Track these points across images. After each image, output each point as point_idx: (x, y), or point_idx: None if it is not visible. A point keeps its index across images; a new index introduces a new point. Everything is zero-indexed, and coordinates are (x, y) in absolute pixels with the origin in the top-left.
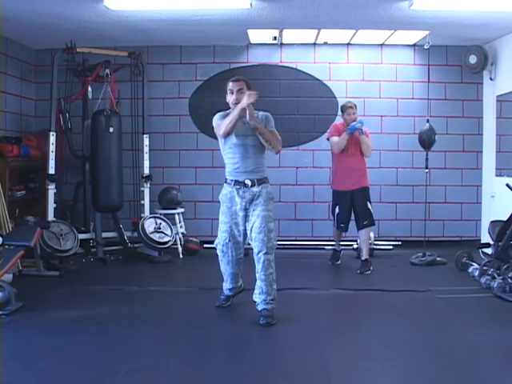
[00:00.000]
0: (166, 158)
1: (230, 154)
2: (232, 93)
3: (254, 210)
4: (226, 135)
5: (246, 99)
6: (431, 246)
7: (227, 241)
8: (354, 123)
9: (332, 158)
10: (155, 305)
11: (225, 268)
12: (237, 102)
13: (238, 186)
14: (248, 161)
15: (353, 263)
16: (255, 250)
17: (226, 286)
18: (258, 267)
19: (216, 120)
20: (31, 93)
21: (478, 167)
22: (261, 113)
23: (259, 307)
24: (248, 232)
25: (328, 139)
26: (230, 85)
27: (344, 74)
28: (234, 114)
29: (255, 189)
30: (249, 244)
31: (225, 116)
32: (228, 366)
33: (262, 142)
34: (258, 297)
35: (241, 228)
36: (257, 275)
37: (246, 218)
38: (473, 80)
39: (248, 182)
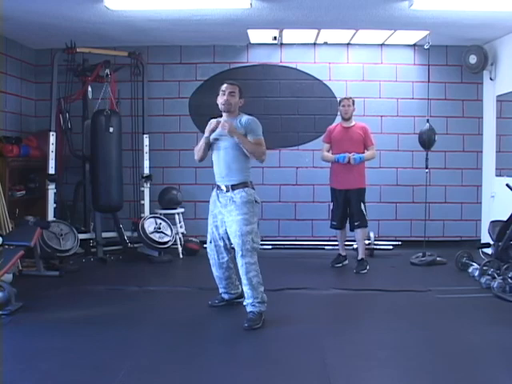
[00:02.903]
0: (166, 158)
1: (212, 157)
2: (224, 94)
3: (230, 216)
4: (201, 160)
5: (211, 126)
6: (431, 246)
7: (209, 242)
8: (343, 156)
9: None
10: (155, 305)
11: (212, 270)
12: (225, 103)
13: (218, 191)
14: (221, 165)
15: (353, 263)
16: (236, 255)
17: (219, 287)
18: (239, 271)
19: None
20: (31, 93)
21: (477, 167)
22: (245, 118)
23: (247, 308)
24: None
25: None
26: (224, 86)
27: (344, 74)
28: (201, 143)
29: (229, 194)
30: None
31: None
32: (228, 365)
33: (245, 152)
34: (245, 301)
35: (220, 231)
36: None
37: (222, 222)
38: (473, 80)
39: (223, 188)
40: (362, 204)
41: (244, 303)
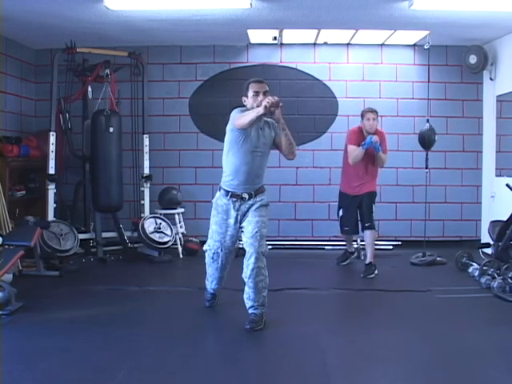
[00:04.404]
0: (166, 158)
1: (234, 160)
2: (257, 94)
3: (246, 216)
4: (241, 127)
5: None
6: (431, 246)
7: (219, 250)
8: (370, 137)
9: (343, 159)
10: (155, 305)
11: (212, 272)
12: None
13: (234, 199)
14: (253, 171)
15: (352, 263)
16: (246, 255)
17: (211, 285)
18: (247, 273)
19: (236, 113)
20: (31, 93)
21: (478, 167)
22: (270, 120)
23: (248, 311)
24: (242, 236)
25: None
26: (254, 86)
27: (344, 74)
28: (259, 110)
29: (251, 201)
30: (240, 241)
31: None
32: (228, 365)
33: (284, 144)
34: (246, 301)
35: (234, 239)
36: (245, 279)
37: (239, 229)
38: (473, 80)
39: (245, 196)
40: (373, 206)
41: (245, 302)
